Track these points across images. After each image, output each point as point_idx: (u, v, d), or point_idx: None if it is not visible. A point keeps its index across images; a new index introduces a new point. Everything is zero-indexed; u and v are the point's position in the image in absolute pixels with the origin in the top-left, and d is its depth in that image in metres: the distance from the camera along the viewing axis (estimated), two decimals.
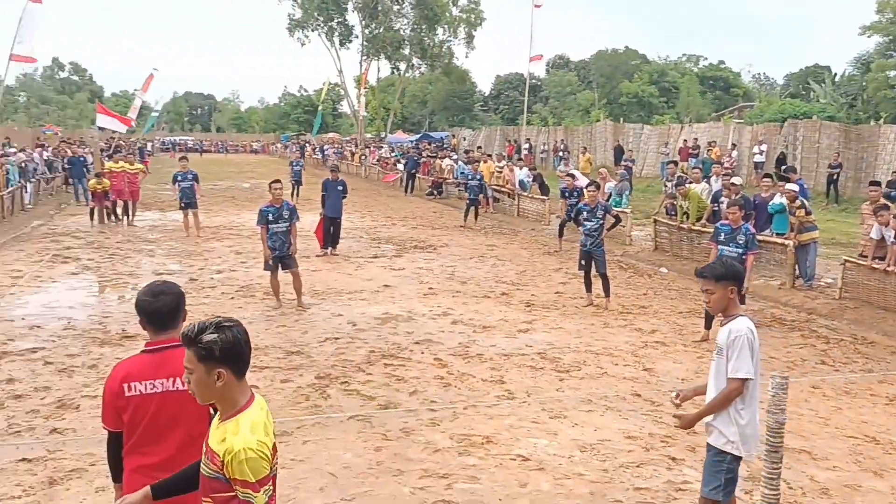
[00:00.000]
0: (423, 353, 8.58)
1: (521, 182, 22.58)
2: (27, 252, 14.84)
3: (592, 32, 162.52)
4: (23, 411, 6.57)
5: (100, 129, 27.98)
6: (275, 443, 2.74)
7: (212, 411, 3.12)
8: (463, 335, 9.37)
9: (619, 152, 32.20)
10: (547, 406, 6.99)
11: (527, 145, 38.41)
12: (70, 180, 24.83)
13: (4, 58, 22.80)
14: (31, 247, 15.50)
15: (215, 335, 2.64)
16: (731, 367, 4.10)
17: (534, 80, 55.22)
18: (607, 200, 15.47)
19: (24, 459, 5.62)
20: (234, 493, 2.59)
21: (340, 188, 15.63)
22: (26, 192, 22.23)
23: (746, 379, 4.10)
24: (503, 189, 23.40)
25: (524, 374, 7.95)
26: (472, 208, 20.40)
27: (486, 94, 78.69)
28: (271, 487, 2.65)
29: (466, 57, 75.52)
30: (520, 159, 28.06)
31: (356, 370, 7.91)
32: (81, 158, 25.58)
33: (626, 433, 6.37)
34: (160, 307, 3.31)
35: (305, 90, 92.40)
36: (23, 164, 22.63)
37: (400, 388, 7.37)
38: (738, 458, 4.19)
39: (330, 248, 15.22)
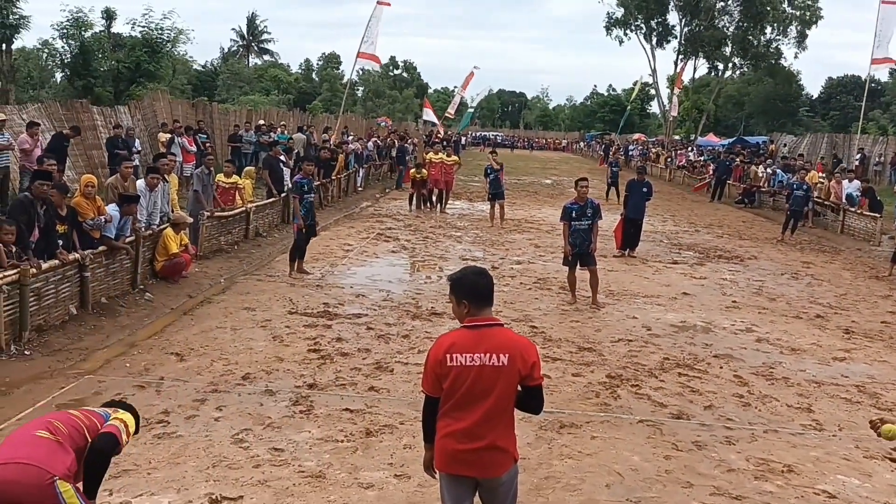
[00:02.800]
0: (721, 367, 8.17)
1: (848, 196, 20.31)
2: (357, 229, 16.73)
3: None
4: (348, 367, 7.48)
5: (424, 122, 30.54)
6: None
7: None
8: (768, 355, 8.75)
9: None
10: (862, 444, 6.29)
11: (858, 156, 34.39)
12: (396, 167, 27.47)
13: (352, 56, 25.72)
14: (359, 225, 17.46)
15: None
16: None
17: (873, 84, 49.18)
18: None
19: (346, 409, 6.41)
20: None
21: (645, 190, 15.37)
22: (359, 176, 25.02)
23: None
24: (826, 202, 21.24)
25: (837, 405, 7.22)
26: (793, 220, 18.77)
27: (814, 98, 71.80)
28: None
29: (796, 57, 69.38)
30: (849, 171, 25.21)
31: (648, 375, 7.78)
32: (406, 148, 28.19)
33: None
34: (484, 286, 3.65)
35: (614, 89, 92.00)
36: (358, 151, 25.50)
37: (694, 400, 7.11)
38: None
39: (628, 250, 15.07)
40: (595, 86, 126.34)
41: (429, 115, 29.12)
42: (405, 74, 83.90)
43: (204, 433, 5.81)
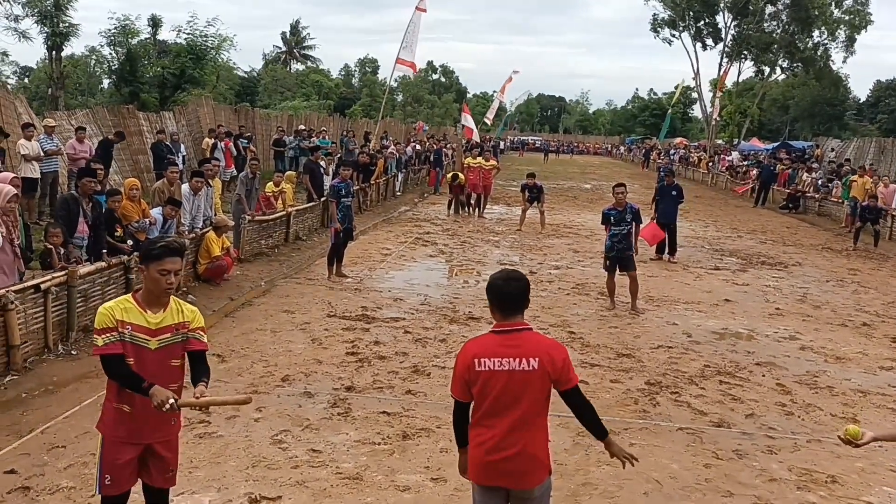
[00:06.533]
0: (763, 375, 8.03)
1: None
2: (395, 233, 16.82)
3: None
4: (385, 371, 7.53)
5: (463, 126, 30.57)
6: None
7: None
8: (812, 363, 8.57)
9: None
10: None
11: None
12: (435, 170, 27.56)
13: (391, 63, 25.87)
14: (398, 229, 17.55)
15: None
16: None
17: None
18: None
19: (384, 412, 6.44)
20: None
21: (675, 193, 15.13)
22: (398, 180, 25.13)
23: None
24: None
25: (883, 415, 7.04)
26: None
27: (862, 102, 70.22)
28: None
29: (844, 62, 67.83)
30: None
31: (688, 382, 7.68)
32: (443, 153, 28.25)
33: None
34: (511, 291, 3.58)
35: (655, 93, 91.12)
36: (397, 156, 25.59)
37: (735, 409, 7.00)
38: None
39: (668, 256, 14.88)
40: (636, 89, 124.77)
41: (467, 120, 29.08)
42: (443, 79, 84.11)
43: (244, 433, 5.89)
